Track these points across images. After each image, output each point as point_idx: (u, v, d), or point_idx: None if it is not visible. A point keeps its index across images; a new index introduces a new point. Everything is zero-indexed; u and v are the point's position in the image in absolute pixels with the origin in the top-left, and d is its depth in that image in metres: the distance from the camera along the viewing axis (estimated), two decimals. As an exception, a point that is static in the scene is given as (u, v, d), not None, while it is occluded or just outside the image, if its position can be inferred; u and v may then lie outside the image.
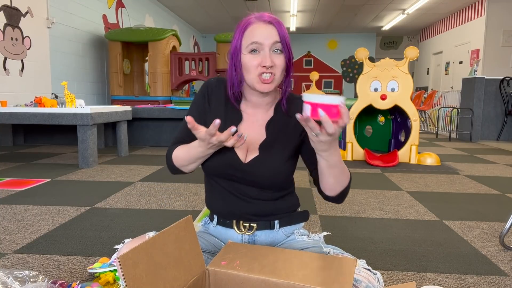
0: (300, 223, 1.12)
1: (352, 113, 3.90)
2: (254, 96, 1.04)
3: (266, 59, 0.94)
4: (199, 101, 1.09)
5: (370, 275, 0.92)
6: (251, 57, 0.96)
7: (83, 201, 2.27)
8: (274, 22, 0.97)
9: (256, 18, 0.98)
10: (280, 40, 0.95)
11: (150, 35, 5.89)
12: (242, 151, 1.02)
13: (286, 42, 0.97)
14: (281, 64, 0.96)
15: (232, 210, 1.06)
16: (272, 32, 0.95)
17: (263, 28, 0.96)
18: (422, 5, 8.25)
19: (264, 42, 0.94)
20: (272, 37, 0.95)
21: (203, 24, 10.89)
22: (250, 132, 1.04)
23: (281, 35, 0.96)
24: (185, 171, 1.06)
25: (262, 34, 0.95)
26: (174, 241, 0.81)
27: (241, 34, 0.98)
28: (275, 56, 0.96)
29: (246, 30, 0.97)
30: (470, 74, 6.38)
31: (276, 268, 0.85)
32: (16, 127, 4.73)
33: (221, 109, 1.06)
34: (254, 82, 0.97)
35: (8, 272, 1.19)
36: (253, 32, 0.96)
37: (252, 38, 0.95)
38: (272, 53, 0.96)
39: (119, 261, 0.67)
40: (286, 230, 1.09)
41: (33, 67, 4.72)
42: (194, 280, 0.83)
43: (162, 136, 4.80)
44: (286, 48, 0.97)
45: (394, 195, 2.54)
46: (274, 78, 0.96)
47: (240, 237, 1.07)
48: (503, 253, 1.58)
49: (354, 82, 12.13)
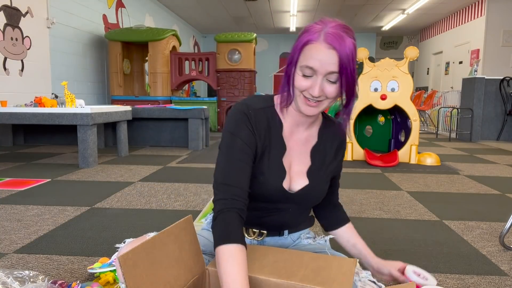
0: (306, 228, 1.14)
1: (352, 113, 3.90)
2: (297, 115, 0.97)
3: (315, 88, 0.86)
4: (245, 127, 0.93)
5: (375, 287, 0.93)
6: (302, 79, 0.88)
7: (83, 201, 2.27)
8: (337, 48, 0.84)
9: (322, 35, 0.85)
10: (338, 70, 0.85)
11: (150, 35, 5.89)
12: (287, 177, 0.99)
13: (347, 70, 0.85)
14: (332, 93, 0.88)
15: (248, 220, 0.99)
16: (332, 59, 0.84)
17: (323, 53, 0.84)
18: (422, 5, 8.25)
19: (319, 69, 0.85)
20: (329, 66, 0.84)
21: (203, 24, 10.89)
22: (295, 159, 1.01)
23: (341, 63, 0.84)
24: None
25: (319, 61, 0.84)
26: (174, 241, 0.81)
27: (299, 49, 0.88)
28: (328, 85, 0.87)
29: (306, 46, 0.87)
30: (470, 74, 6.38)
31: (276, 268, 0.85)
32: (16, 127, 4.73)
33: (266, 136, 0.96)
34: (299, 101, 0.91)
35: (8, 272, 1.19)
36: (311, 54, 0.85)
37: (308, 61, 0.86)
38: (325, 81, 0.87)
39: (119, 261, 0.67)
40: (294, 236, 1.10)
41: (33, 67, 4.72)
42: (194, 280, 0.83)
43: (162, 136, 4.80)
44: (344, 77, 0.86)
45: (394, 195, 2.54)
46: (322, 103, 0.90)
47: (249, 241, 1.06)
48: (503, 253, 1.58)
49: (354, 82, 12.11)
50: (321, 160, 1.02)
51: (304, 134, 1.01)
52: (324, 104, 0.91)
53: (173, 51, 6.27)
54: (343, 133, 1.05)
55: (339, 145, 1.05)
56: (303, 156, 1.01)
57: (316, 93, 0.86)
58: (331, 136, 1.04)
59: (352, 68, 0.86)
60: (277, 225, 1.05)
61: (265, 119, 0.96)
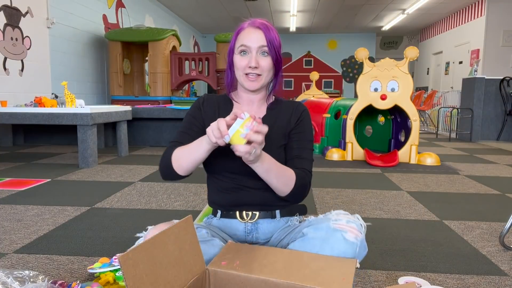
0: (299, 216, 1.23)
1: (352, 113, 3.90)
2: (245, 93, 1.16)
3: (251, 60, 1.07)
4: (194, 107, 1.19)
5: (348, 214, 1.06)
6: (240, 58, 1.09)
7: (83, 201, 2.27)
8: (262, 28, 1.08)
9: (249, 23, 1.10)
10: (266, 44, 1.07)
11: (150, 35, 5.89)
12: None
13: (274, 46, 1.08)
14: (266, 65, 1.08)
15: (236, 201, 1.14)
16: (260, 36, 1.07)
17: (252, 33, 1.08)
18: (422, 5, 8.25)
19: (251, 45, 1.07)
20: (259, 41, 1.07)
21: (203, 24, 10.89)
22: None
23: (268, 39, 1.07)
24: (180, 174, 1.08)
25: (250, 38, 1.08)
26: (174, 241, 0.81)
27: (234, 37, 1.12)
28: (261, 58, 1.08)
29: (239, 34, 1.11)
30: (470, 74, 6.38)
31: (276, 268, 0.85)
32: (16, 127, 4.73)
33: (215, 111, 1.18)
34: (242, 80, 1.11)
35: (8, 272, 1.19)
36: (243, 36, 1.09)
37: (242, 41, 1.09)
38: (259, 55, 1.08)
39: (120, 260, 0.67)
40: (286, 219, 1.19)
41: (33, 67, 4.72)
42: (194, 280, 0.83)
43: (162, 136, 4.80)
44: (273, 51, 1.08)
45: (394, 195, 2.54)
46: (260, 77, 1.09)
47: (243, 226, 1.15)
48: (503, 253, 1.58)
49: (354, 82, 12.13)
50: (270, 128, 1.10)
51: (253, 108, 1.18)
52: (262, 79, 1.10)
53: (173, 51, 6.27)
54: (297, 105, 1.21)
55: (293, 115, 1.18)
56: None
57: (253, 64, 1.06)
58: (282, 110, 1.19)
59: (278, 46, 1.10)
60: (261, 204, 1.14)
61: (215, 100, 1.20)
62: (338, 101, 4.56)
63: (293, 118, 1.17)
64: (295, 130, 1.16)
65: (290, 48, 12.22)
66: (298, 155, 1.13)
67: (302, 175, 1.09)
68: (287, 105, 1.20)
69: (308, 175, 1.12)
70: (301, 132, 1.16)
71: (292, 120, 1.17)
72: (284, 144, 1.16)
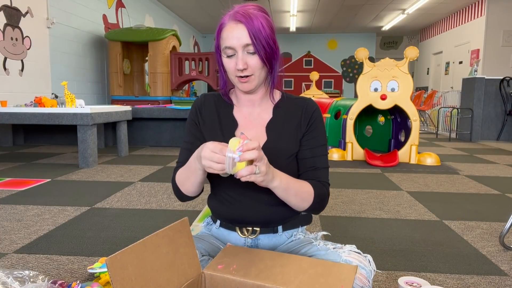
0: (303, 226, 1.13)
1: (352, 113, 3.90)
2: (243, 94, 1.06)
3: (238, 62, 0.94)
4: (191, 120, 1.10)
5: (360, 257, 0.95)
6: (228, 60, 0.97)
7: (83, 201, 2.27)
8: (244, 20, 0.92)
9: (230, 16, 0.95)
10: (251, 42, 0.92)
11: (150, 35, 5.89)
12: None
13: (260, 39, 0.92)
14: (255, 64, 0.95)
15: (237, 216, 1.05)
16: (242, 33, 0.92)
17: (234, 29, 0.93)
18: (422, 5, 8.25)
19: (235, 45, 0.93)
20: (242, 39, 0.92)
21: (203, 24, 10.89)
22: (249, 134, 1.03)
23: (252, 34, 0.92)
24: (191, 196, 1.04)
25: (233, 37, 0.93)
26: (168, 244, 0.80)
27: (217, 35, 0.98)
28: (249, 57, 0.94)
29: (221, 31, 0.96)
30: (470, 74, 6.37)
31: (273, 273, 0.83)
32: (16, 127, 4.73)
33: (215, 119, 1.08)
34: (235, 82, 1.00)
35: (8, 272, 1.19)
36: (226, 35, 0.94)
37: (225, 42, 0.94)
38: (246, 54, 0.94)
39: (107, 263, 0.66)
40: (289, 233, 1.10)
41: (33, 67, 4.72)
42: (188, 283, 0.81)
43: (162, 136, 4.79)
44: (260, 45, 0.93)
45: (394, 195, 2.54)
46: (252, 77, 0.97)
47: (243, 240, 1.08)
48: (503, 253, 1.58)
49: (354, 82, 12.12)
50: (278, 135, 1.03)
51: (256, 110, 1.07)
52: (255, 79, 0.98)
53: (173, 51, 6.26)
54: (306, 105, 1.07)
55: (303, 118, 1.05)
56: (259, 132, 1.05)
57: (240, 66, 0.93)
58: (291, 111, 1.06)
59: (267, 36, 0.94)
60: (264, 222, 1.05)
61: (214, 104, 1.09)
62: (338, 101, 4.56)
63: (304, 121, 1.05)
64: (307, 136, 1.04)
65: (290, 48, 12.22)
66: (313, 166, 1.04)
67: (320, 187, 1.01)
68: (295, 105, 1.07)
69: (326, 186, 1.03)
70: (314, 137, 1.05)
71: (302, 123, 1.05)
72: (295, 152, 1.05)
